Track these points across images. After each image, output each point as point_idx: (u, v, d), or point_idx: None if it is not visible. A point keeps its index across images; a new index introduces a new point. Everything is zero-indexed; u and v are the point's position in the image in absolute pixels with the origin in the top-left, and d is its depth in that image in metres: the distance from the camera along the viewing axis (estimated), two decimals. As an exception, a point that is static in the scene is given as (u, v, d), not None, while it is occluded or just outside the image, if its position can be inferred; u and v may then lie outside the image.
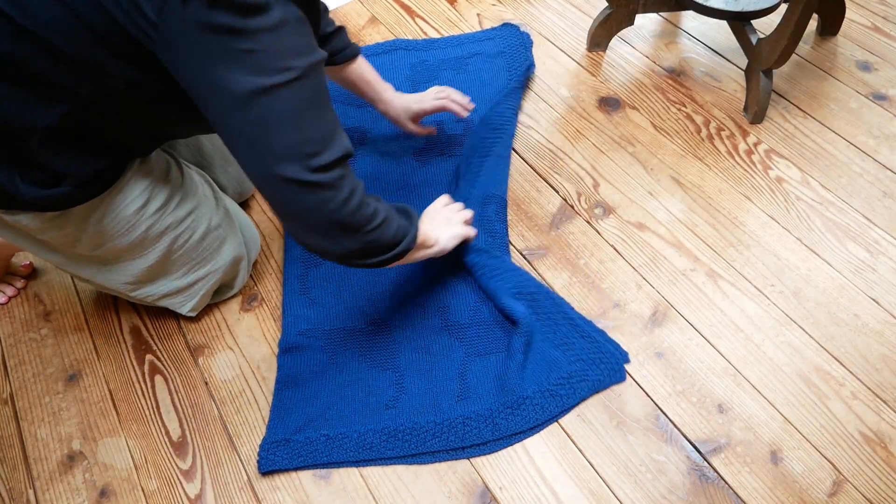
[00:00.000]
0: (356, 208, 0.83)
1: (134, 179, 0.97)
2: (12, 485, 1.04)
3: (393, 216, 0.92)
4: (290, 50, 0.74)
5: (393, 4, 1.72)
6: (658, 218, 1.26)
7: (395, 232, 0.92)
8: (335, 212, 0.82)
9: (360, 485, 1.00)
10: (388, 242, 0.91)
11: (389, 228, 0.90)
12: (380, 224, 0.88)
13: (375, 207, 0.88)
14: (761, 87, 1.34)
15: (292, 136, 0.76)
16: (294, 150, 0.77)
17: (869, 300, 1.13)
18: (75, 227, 0.95)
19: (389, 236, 0.91)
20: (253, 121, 0.74)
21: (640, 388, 1.06)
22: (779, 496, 0.95)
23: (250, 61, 0.71)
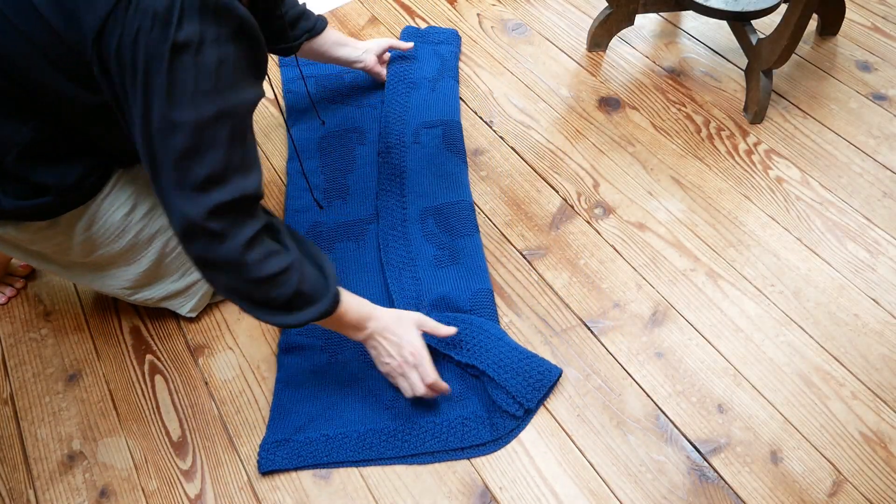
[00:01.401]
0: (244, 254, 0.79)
1: (119, 186, 0.97)
2: (12, 485, 1.04)
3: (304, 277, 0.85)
4: (215, 88, 0.72)
5: (393, 4, 1.72)
6: (658, 218, 1.26)
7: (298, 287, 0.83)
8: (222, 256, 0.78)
9: (360, 485, 1.00)
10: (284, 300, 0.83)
11: (289, 285, 0.83)
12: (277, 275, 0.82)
13: (280, 264, 0.82)
14: (761, 87, 1.34)
15: (194, 170, 0.74)
16: (190, 182, 0.75)
17: (869, 300, 1.13)
18: (64, 236, 0.95)
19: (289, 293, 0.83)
20: (160, 146, 0.73)
21: (640, 388, 1.06)
22: (779, 496, 0.95)
23: (172, 93, 0.70)
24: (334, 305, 0.89)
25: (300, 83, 1.50)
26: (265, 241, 0.82)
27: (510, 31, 1.63)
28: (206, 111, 0.72)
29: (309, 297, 0.86)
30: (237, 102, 0.75)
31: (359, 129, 1.41)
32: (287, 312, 0.85)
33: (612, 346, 1.11)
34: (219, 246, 0.78)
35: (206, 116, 0.73)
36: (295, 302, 0.84)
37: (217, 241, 0.78)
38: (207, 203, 0.75)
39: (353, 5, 1.72)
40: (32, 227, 0.92)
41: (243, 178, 0.78)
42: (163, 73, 0.69)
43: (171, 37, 0.68)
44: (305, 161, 1.36)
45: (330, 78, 1.51)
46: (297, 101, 1.48)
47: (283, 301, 0.84)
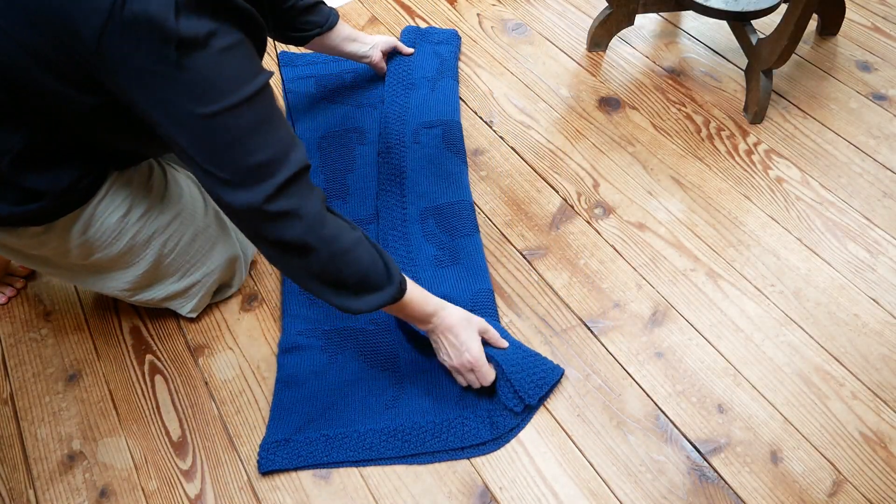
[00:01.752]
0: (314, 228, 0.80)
1: (114, 189, 0.97)
2: (12, 485, 1.04)
3: (374, 258, 0.86)
4: (231, 77, 0.73)
5: (393, 4, 1.72)
6: (658, 218, 1.26)
7: (369, 268, 0.85)
8: (300, 235, 0.80)
9: (360, 485, 1.00)
10: (359, 275, 0.85)
11: (361, 262, 0.84)
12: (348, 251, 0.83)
13: (350, 239, 0.84)
14: (761, 87, 1.34)
15: (240, 161, 0.75)
16: (243, 174, 0.76)
17: (869, 300, 1.13)
18: (60, 241, 0.95)
19: (362, 270, 0.84)
20: (200, 147, 0.75)
21: (640, 388, 1.06)
22: (779, 496, 0.95)
23: (192, 91, 0.71)
24: (400, 293, 0.90)
25: (300, 83, 1.50)
26: (332, 216, 0.84)
27: (510, 31, 1.63)
28: (232, 100, 0.73)
29: (375, 280, 0.87)
30: (258, 84, 0.76)
31: (359, 129, 1.41)
32: (355, 295, 0.86)
33: (612, 346, 1.11)
34: (295, 223, 0.79)
35: (234, 104, 0.73)
36: (364, 283, 0.86)
37: (291, 220, 0.79)
38: (271, 186, 0.77)
39: (353, 5, 1.72)
40: (28, 233, 0.92)
41: (294, 151, 0.80)
42: (175, 74, 0.69)
43: (175, 35, 0.67)
44: None
45: (330, 78, 1.51)
46: (297, 100, 1.48)
47: (355, 282, 0.85)
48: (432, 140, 1.37)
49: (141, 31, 0.67)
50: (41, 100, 0.78)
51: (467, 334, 0.98)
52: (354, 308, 0.87)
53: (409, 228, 1.24)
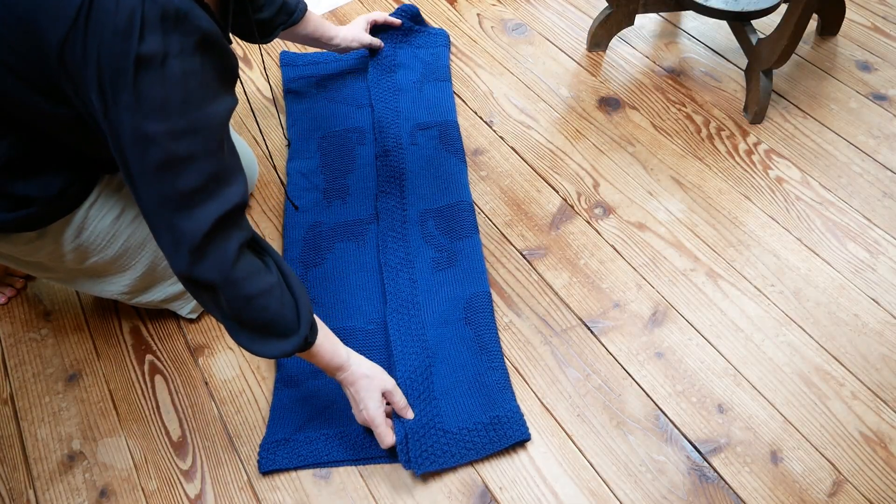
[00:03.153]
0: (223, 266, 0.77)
1: (105, 193, 0.97)
2: (12, 485, 1.04)
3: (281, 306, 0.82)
4: (182, 100, 0.71)
5: (393, 4, 1.72)
6: (658, 218, 1.26)
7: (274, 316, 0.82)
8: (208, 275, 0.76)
9: (360, 485, 1.00)
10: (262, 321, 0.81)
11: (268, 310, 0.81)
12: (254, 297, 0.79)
13: (264, 283, 0.80)
14: (761, 87, 1.34)
15: (174, 184, 0.72)
16: (172, 201, 0.73)
17: (869, 300, 1.13)
18: (55, 245, 0.95)
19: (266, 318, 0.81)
20: (135, 165, 0.72)
21: (640, 388, 1.06)
22: (779, 496, 0.95)
23: (141, 108, 0.69)
24: (305, 345, 0.87)
25: (301, 83, 1.50)
26: (249, 257, 0.80)
27: (510, 31, 1.63)
28: (177, 124, 0.71)
29: (280, 329, 0.83)
30: (209, 113, 0.74)
31: (359, 129, 1.41)
32: (258, 339, 0.83)
33: (612, 346, 1.11)
34: (206, 264, 0.76)
35: (178, 129, 0.71)
36: (268, 330, 0.82)
37: (204, 260, 0.76)
38: (195, 217, 0.74)
39: (353, 5, 1.72)
40: (22, 239, 0.92)
41: (227, 189, 0.77)
42: (129, 87, 0.68)
43: (134, 51, 0.66)
44: (305, 160, 1.36)
45: (330, 78, 1.51)
46: (297, 100, 1.48)
47: (257, 326, 0.82)
48: (429, 141, 1.37)
49: (103, 41, 0.66)
50: (24, 109, 0.78)
51: (366, 393, 0.95)
52: (255, 351, 0.84)
53: (408, 230, 1.24)
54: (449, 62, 1.55)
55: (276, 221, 1.32)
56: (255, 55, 1.62)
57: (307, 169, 1.34)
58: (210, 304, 0.81)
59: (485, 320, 1.11)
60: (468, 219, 1.25)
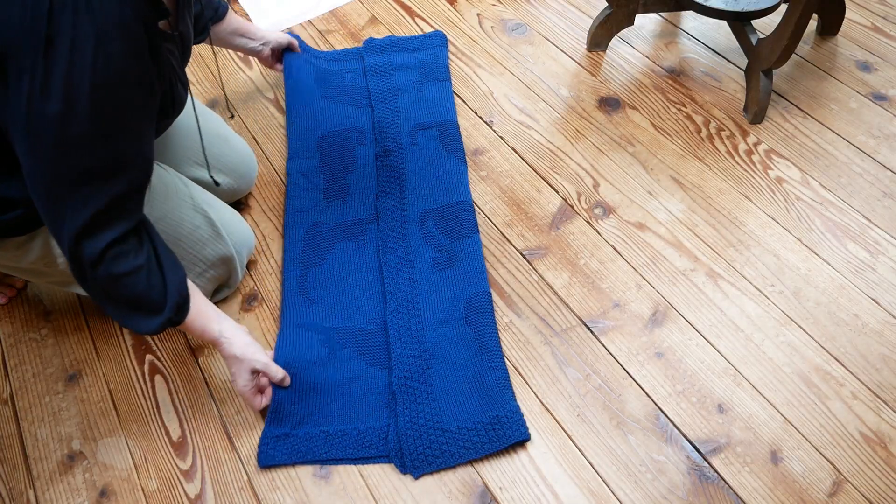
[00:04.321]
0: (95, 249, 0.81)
1: None
2: (12, 485, 1.04)
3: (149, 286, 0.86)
4: (92, 83, 0.71)
5: (393, 4, 1.72)
6: (658, 218, 1.26)
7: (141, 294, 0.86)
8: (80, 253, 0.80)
9: (360, 485, 1.00)
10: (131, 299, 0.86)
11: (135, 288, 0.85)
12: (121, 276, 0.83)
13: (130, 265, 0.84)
14: (761, 87, 1.34)
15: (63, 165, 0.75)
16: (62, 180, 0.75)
17: (869, 300, 1.13)
18: (46, 249, 0.95)
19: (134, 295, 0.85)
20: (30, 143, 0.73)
21: (640, 388, 1.06)
22: (779, 496, 0.95)
23: (47, 85, 0.69)
24: (173, 321, 0.90)
25: (299, 82, 1.50)
26: (126, 240, 0.83)
27: (510, 31, 1.63)
28: (79, 107, 0.71)
29: (148, 306, 0.87)
30: (119, 101, 0.75)
31: (358, 129, 1.41)
32: (129, 316, 0.88)
33: (612, 346, 1.11)
34: (87, 241, 0.79)
35: (80, 112, 0.72)
36: (137, 307, 0.87)
37: (86, 237, 0.79)
38: (83, 199, 0.77)
39: (354, 5, 1.72)
40: (13, 243, 0.92)
41: (114, 180, 0.79)
42: (38, 65, 0.68)
43: (44, 28, 0.67)
44: (304, 160, 1.36)
45: (329, 75, 1.51)
46: (296, 99, 1.48)
47: (127, 304, 0.86)
48: (429, 141, 1.37)
49: (11, 23, 0.67)
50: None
51: (235, 370, 0.98)
52: (124, 325, 0.90)
53: (409, 230, 1.24)
54: (448, 62, 1.55)
55: (276, 221, 1.32)
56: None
57: (307, 168, 1.34)
58: (82, 282, 0.84)
59: (485, 320, 1.11)
60: (468, 219, 1.25)
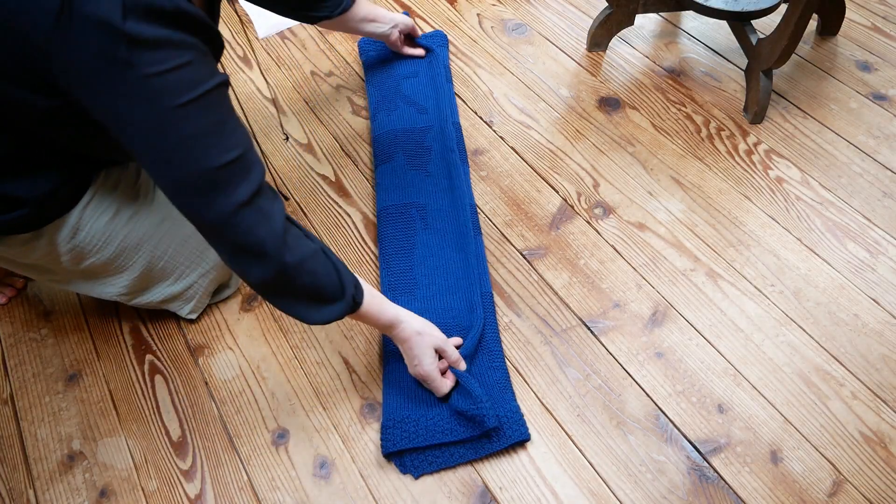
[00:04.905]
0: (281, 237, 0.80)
1: (100, 193, 0.97)
2: (12, 485, 1.04)
3: (329, 270, 0.86)
4: (182, 78, 0.72)
5: (393, 4, 1.72)
6: (658, 218, 1.26)
7: (326, 287, 0.86)
8: (261, 240, 0.79)
9: (360, 485, 1.00)
10: (312, 293, 0.85)
11: (318, 278, 0.84)
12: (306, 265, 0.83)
13: (311, 249, 0.84)
14: (761, 87, 1.34)
15: (195, 165, 0.74)
16: (199, 180, 0.75)
17: (869, 300, 1.13)
18: (50, 247, 0.95)
19: (317, 286, 0.85)
20: (154, 148, 0.73)
21: (640, 388, 1.06)
22: (779, 496, 0.95)
23: (142, 90, 0.70)
24: (353, 307, 0.91)
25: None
26: (291, 226, 0.84)
27: (510, 31, 1.63)
28: (182, 98, 0.72)
29: (328, 293, 0.87)
30: (210, 85, 0.75)
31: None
32: (307, 306, 0.87)
33: (612, 346, 1.11)
34: (259, 229, 0.78)
35: (185, 101, 0.72)
36: (317, 296, 0.86)
37: (257, 226, 0.78)
38: (244, 191, 0.77)
39: (353, 5, 1.72)
40: (17, 241, 0.92)
41: (256, 156, 0.80)
42: (124, 73, 0.68)
43: (123, 36, 0.67)
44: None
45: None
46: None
47: (307, 293, 0.85)
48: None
49: (89, 31, 0.66)
50: (11, 108, 0.78)
51: (419, 349, 0.98)
52: (308, 319, 0.87)
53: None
54: (448, 62, 1.55)
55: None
56: (258, 54, 1.62)
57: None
58: (257, 276, 0.82)
59: (487, 321, 1.11)
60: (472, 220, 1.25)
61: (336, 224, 1.31)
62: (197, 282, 1.12)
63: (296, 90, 1.54)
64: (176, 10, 0.70)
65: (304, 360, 1.13)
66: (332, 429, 1.06)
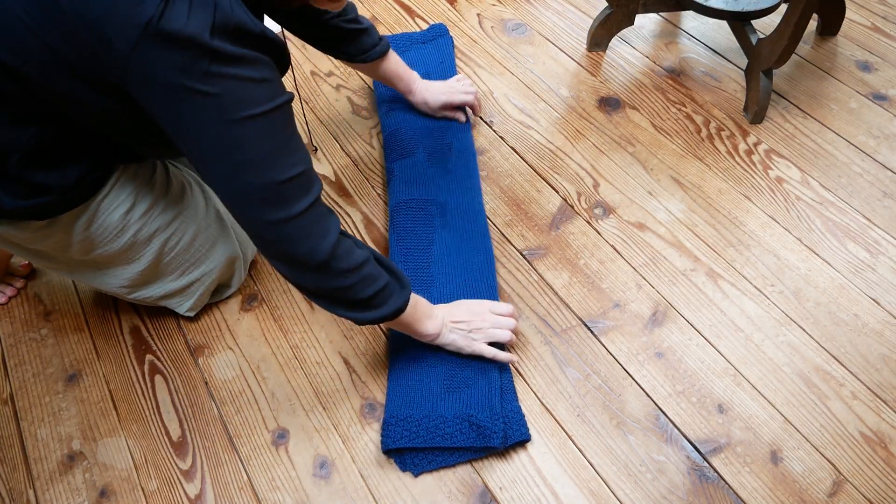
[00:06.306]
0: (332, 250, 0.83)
1: (119, 184, 0.97)
2: (12, 485, 1.04)
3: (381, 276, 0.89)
4: (254, 95, 0.75)
5: (393, 4, 1.72)
6: (658, 218, 1.26)
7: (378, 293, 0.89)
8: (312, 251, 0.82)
9: (360, 485, 1.00)
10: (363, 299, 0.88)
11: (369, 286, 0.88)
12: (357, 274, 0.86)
13: (362, 258, 0.86)
14: (761, 87, 1.34)
15: (261, 177, 0.77)
16: (263, 192, 0.78)
17: (869, 300, 1.13)
18: (63, 235, 0.96)
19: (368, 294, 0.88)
20: (223, 160, 0.76)
21: (640, 388, 1.06)
22: (779, 496, 0.95)
23: (216, 105, 0.72)
24: (406, 303, 0.93)
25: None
26: (343, 237, 0.86)
27: (510, 31, 1.63)
28: (254, 111, 0.75)
29: (387, 292, 0.90)
30: (279, 101, 0.78)
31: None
32: (367, 308, 0.89)
33: (612, 346, 1.11)
34: (319, 243, 0.81)
35: (255, 114, 0.75)
36: (375, 296, 0.89)
37: (315, 239, 0.81)
38: (302, 205, 0.80)
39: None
40: (32, 226, 0.93)
41: (314, 171, 0.83)
42: (201, 87, 0.71)
43: (208, 52, 0.69)
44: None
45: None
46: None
47: (365, 297, 0.88)
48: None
49: (174, 46, 0.68)
50: (59, 99, 0.79)
51: (476, 321, 1.03)
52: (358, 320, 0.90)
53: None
54: (454, 52, 1.56)
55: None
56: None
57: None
58: (314, 285, 0.86)
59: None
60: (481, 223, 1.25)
61: (336, 224, 1.30)
62: (200, 279, 1.12)
63: (296, 90, 1.54)
64: (262, 34, 0.74)
65: (304, 360, 1.13)
66: (332, 429, 1.06)
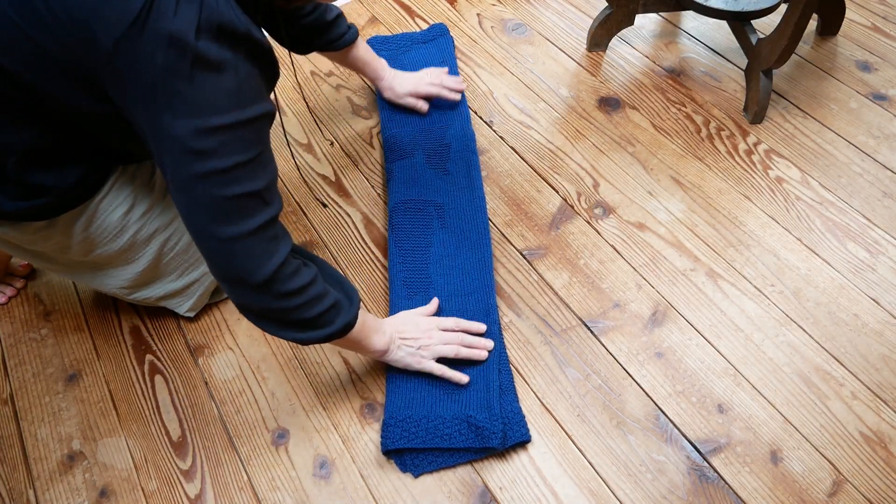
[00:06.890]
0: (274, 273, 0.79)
1: (118, 185, 0.97)
2: (12, 485, 1.04)
3: (328, 294, 0.87)
4: (234, 102, 0.73)
5: (393, 4, 1.72)
6: (658, 218, 1.26)
7: (325, 311, 0.86)
8: (251, 271, 0.78)
9: (360, 485, 1.00)
10: (309, 319, 0.85)
11: (315, 306, 0.85)
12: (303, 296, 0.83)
13: (308, 278, 0.83)
14: (761, 87, 1.34)
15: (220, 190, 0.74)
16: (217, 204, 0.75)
17: (869, 300, 1.13)
18: (62, 236, 0.95)
19: (314, 313, 0.85)
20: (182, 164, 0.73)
21: (640, 388, 1.06)
22: (779, 496, 0.95)
23: (194, 107, 0.70)
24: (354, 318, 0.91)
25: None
26: (296, 258, 0.84)
27: (510, 31, 1.63)
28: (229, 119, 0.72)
29: (334, 311, 0.87)
30: (257, 111, 0.76)
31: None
32: (314, 327, 0.87)
33: (612, 346, 1.11)
34: (261, 263, 0.78)
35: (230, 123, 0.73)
36: (324, 315, 0.86)
37: (262, 260, 0.78)
38: (254, 222, 0.77)
39: (353, 5, 1.72)
40: (31, 228, 0.93)
41: (277, 190, 0.81)
42: (183, 89, 0.69)
43: (191, 53, 0.68)
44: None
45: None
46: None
47: (311, 316, 0.85)
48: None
49: (158, 44, 0.67)
50: (58, 103, 0.78)
51: (411, 321, 1.04)
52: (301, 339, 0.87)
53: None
54: (454, 51, 1.56)
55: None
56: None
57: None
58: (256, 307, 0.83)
59: (492, 328, 1.11)
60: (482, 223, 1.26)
61: (336, 224, 1.31)
62: (199, 279, 1.12)
63: (296, 90, 1.54)
64: (247, 34, 0.72)
65: (304, 360, 1.13)
66: (332, 429, 1.06)
